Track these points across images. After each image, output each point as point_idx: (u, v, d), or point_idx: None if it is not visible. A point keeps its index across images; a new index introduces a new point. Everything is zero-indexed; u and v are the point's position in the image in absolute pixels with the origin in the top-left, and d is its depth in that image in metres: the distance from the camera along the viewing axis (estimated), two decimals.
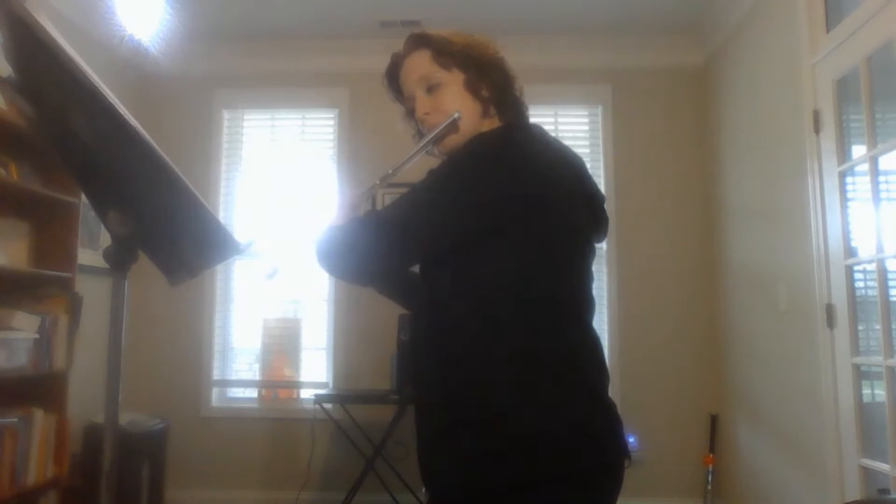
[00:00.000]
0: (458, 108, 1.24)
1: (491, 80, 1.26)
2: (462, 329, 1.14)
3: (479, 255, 1.12)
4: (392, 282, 1.36)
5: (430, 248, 1.14)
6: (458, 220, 1.11)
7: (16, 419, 2.70)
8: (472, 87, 1.25)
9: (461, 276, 1.14)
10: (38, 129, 1.06)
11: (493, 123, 1.28)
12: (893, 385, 2.23)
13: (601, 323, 3.95)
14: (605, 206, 1.31)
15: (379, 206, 1.47)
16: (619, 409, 1.17)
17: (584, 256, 1.21)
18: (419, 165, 1.29)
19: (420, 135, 1.33)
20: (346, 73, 4.07)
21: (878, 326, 2.33)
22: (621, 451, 1.13)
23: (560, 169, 1.20)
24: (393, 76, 1.33)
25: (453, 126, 1.24)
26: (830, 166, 2.61)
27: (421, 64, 1.27)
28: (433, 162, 1.24)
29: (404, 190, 1.17)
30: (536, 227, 1.12)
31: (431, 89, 1.26)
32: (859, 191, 2.53)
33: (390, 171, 1.29)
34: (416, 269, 1.25)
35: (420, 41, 1.28)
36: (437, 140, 1.26)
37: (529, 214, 1.11)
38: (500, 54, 1.30)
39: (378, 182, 1.30)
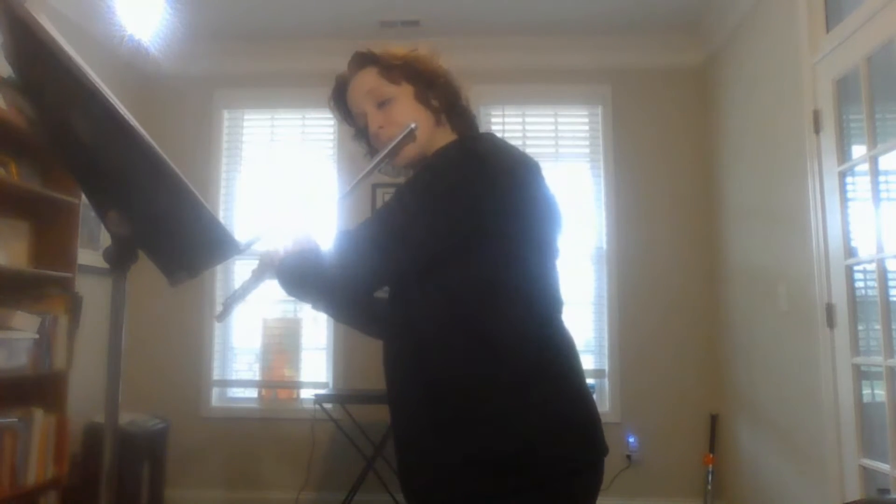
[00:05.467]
0: (412, 118, 1.24)
1: (439, 90, 1.27)
2: (443, 337, 1.12)
3: (456, 262, 1.11)
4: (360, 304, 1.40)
5: (421, 255, 1.12)
6: (448, 224, 1.09)
7: (16, 419, 2.70)
8: (422, 98, 1.26)
9: (436, 285, 1.13)
10: (38, 129, 1.06)
11: (446, 132, 1.28)
12: (893, 385, 2.23)
13: (601, 323, 3.95)
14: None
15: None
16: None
17: (551, 257, 1.20)
18: None
19: (372, 152, 1.33)
20: None
21: (878, 326, 2.33)
22: (604, 446, 1.16)
23: (524, 172, 1.18)
24: (339, 97, 1.34)
25: (410, 136, 1.23)
26: (830, 166, 2.61)
27: (369, 80, 1.27)
28: None
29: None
30: (511, 231, 1.12)
31: (383, 104, 1.26)
32: (859, 191, 2.53)
33: (348, 189, 1.31)
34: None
35: (365, 60, 1.28)
36: (395, 152, 1.24)
37: (505, 219, 1.11)
38: (444, 67, 1.30)
39: (336, 197, 1.35)
